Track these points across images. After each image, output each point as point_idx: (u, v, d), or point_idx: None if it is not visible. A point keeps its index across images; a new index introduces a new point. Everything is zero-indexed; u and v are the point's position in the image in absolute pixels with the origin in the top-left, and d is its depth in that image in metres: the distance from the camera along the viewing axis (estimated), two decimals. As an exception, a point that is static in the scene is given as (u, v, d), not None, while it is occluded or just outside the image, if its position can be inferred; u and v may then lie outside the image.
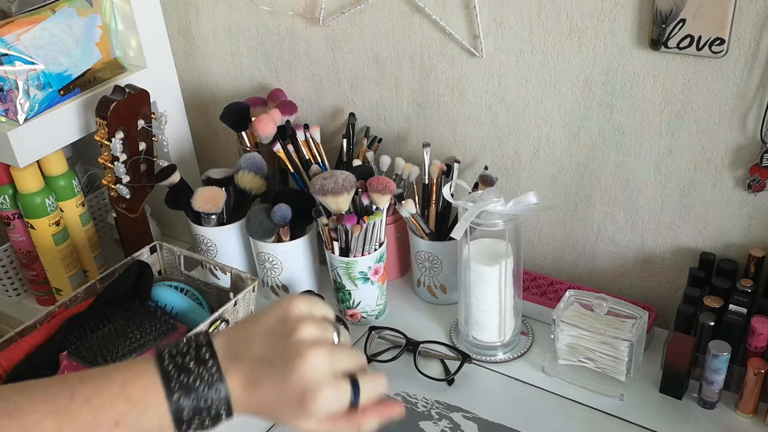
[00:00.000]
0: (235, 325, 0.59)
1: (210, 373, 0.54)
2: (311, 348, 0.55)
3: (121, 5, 1.15)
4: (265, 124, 1.08)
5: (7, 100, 1.00)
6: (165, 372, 0.54)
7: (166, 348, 0.56)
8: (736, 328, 0.88)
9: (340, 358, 0.57)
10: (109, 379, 0.54)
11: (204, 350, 0.55)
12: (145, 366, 0.55)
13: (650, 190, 0.98)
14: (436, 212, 1.08)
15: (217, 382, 0.54)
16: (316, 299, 0.61)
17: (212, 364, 0.55)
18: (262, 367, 0.55)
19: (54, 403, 0.53)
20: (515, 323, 1.00)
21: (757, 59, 0.83)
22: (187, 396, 0.54)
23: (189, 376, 0.54)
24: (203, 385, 0.54)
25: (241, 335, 0.57)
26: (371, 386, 0.58)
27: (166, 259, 1.09)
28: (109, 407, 0.53)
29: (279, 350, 0.56)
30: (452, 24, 1.00)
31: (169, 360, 0.55)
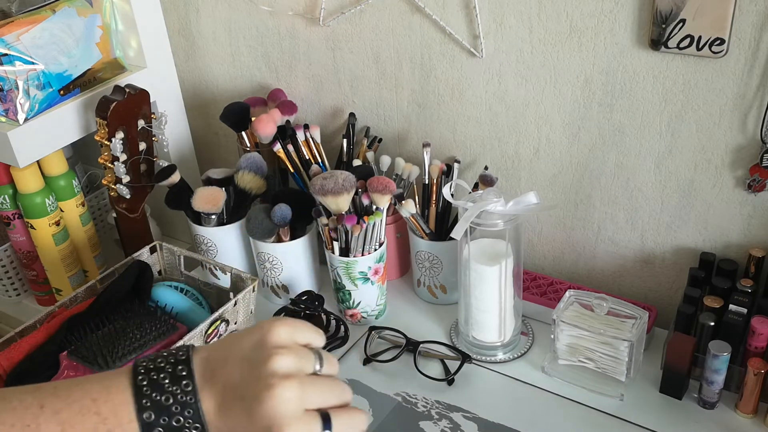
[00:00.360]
0: (217, 343, 0.57)
1: (184, 392, 0.52)
2: (282, 380, 0.52)
3: (121, 5, 1.15)
4: (265, 124, 1.08)
5: (7, 100, 1.00)
6: (138, 387, 0.52)
7: (143, 361, 0.54)
8: (736, 328, 0.88)
9: (315, 392, 0.53)
10: (82, 391, 0.53)
11: (181, 367, 0.53)
12: (119, 380, 0.53)
13: (650, 190, 0.98)
14: (436, 212, 1.08)
15: (190, 402, 0.52)
16: (301, 324, 0.57)
17: (187, 384, 0.53)
18: (234, 393, 0.53)
19: (23, 414, 0.52)
20: (515, 323, 1.00)
21: (757, 59, 0.83)
22: (159, 414, 0.52)
23: (162, 393, 0.52)
24: (176, 404, 0.52)
25: (220, 356, 0.55)
26: (347, 424, 0.54)
27: (166, 259, 1.09)
28: (78, 422, 0.52)
29: (250, 379, 0.53)
30: (452, 24, 1.00)
31: (144, 375, 0.53)
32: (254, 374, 0.53)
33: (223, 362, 0.54)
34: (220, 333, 0.96)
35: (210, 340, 0.94)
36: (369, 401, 0.94)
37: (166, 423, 0.52)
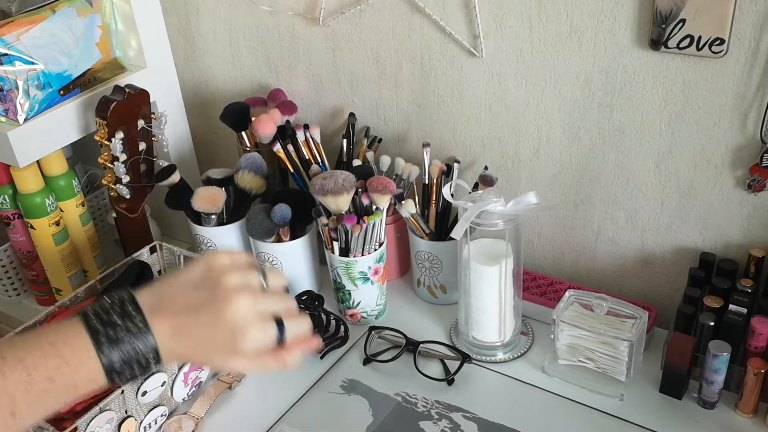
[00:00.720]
0: (159, 281, 0.63)
1: (136, 326, 0.58)
2: (237, 293, 0.61)
3: (121, 5, 1.15)
4: (265, 124, 1.08)
5: (7, 100, 1.00)
6: (92, 328, 0.57)
7: (89, 308, 0.59)
8: (736, 328, 0.88)
9: (266, 301, 0.63)
10: (39, 340, 0.57)
11: (128, 305, 0.59)
12: (72, 326, 0.58)
13: (650, 190, 0.98)
14: (436, 212, 1.08)
15: (143, 333, 0.58)
16: (237, 251, 0.66)
17: (137, 317, 0.58)
18: (189, 316, 0.60)
19: None
20: (515, 323, 1.00)
21: (757, 59, 0.83)
22: (116, 348, 0.57)
23: (116, 329, 0.57)
24: (130, 337, 0.57)
25: (165, 289, 0.62)
26: (295, 326, 0.64)
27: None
28: (42, 365, 0.56)
29: (206, 299, 0.60)
30: (452, 24, 1.00)
31: (95, 317, 0.58)
32: (210, 294, 0.61)
33: (169, 293, 0.61)
34: (220, 333, 0.96)
35: (210, 340, 0.94)
36: (369, 401, 0.94)
37: (124, 356, 0.58)
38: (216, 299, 0.61)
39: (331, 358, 1.02)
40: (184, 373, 0.92)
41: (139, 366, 0.58)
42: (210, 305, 0.60)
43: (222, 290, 0.61)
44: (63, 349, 0.56)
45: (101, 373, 0.57)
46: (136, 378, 0.59)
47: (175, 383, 0.92)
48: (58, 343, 0.57)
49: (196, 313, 0.60)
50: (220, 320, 0.60)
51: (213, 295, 0.61)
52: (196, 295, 0.61)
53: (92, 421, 0.81)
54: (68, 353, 0.56)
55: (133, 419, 0.87)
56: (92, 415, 0.81)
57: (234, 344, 0.60)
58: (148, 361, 0.59)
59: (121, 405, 0.85)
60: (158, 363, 0.59)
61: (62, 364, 0.56)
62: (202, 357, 0.63)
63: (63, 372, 0.56)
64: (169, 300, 0.61)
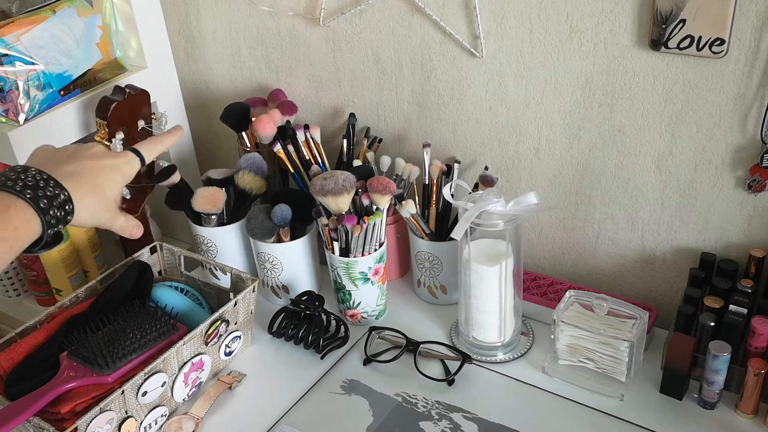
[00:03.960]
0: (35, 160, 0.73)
1: (54, 185, 0.67)
2: (91, 149, 0.76)
3: (122, 5, 1.15)
4: (265, 124, 1.08)
5: (8, 101, 1.00)
6: (5, 185, 0.65)
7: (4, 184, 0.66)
8: (737, 329, 0.88)
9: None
10: None
11: (18, 169, 0.67)
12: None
13: (650, 191, 0.98)
14: (436, 212, 1.08)
15: (44, 176, 0.67)
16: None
17: (32, 170, 0.67)
18: (67, 163, 0.72)
19: None
20: (515, 323, 1.00)
21: (757, 59, 0.83)
22: (34, 190, 0.65)
23: (26, 180, 0.66)
24: (37, 181, 0.66)
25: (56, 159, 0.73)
26: (151, 149, 0.81)
27: (166, 259, 1.09)
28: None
29: (79, 153, 0.74)
30: (452, 24, 1.00)
31: (2, 179, 0.66)
32: (79, 151, 0.75)
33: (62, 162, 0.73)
34: (220, 333, 0.96)
35: (210, 341, 0.94)
36: (369, 401, 0.94)
37: (44, 194, 0.66)
38: (87, 149, 0.76)
39: (332, 358, 1.02)
40: (184, 373, 0.92)
41: (56, 200, 0.67)
42: (81, 152, 0.75)
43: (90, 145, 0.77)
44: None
45: (30, 209, 0.65)
46: (63, 216, 0.68)
47: (176, 384, 0.92)
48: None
49: (72, 165, 0.72)
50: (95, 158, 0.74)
51: (83, 149, 0.76)
52: (73, 156, 0.74)
53: (92, 421, 0.81)
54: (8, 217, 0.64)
55: (133, 419, 0.87)
56: (92, 416, 0.81)
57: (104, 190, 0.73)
58: (59, 193, 0.67)
59: (122, 405, 0.85)
60: (65, 191, 0.68)
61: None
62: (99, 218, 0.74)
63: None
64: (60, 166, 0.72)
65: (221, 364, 1.00)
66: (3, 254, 0.63)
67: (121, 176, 0.77)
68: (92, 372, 0.86)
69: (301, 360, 1.02)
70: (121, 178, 0.77)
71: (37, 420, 0.81)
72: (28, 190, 0.65)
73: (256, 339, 1.06)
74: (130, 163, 0.79)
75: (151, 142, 0.83)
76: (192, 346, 0.92)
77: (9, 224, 0.63)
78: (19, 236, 0.64)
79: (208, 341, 0.94)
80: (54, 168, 0.70)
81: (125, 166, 0.78)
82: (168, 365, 0.89)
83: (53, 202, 0.67)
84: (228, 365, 1.02)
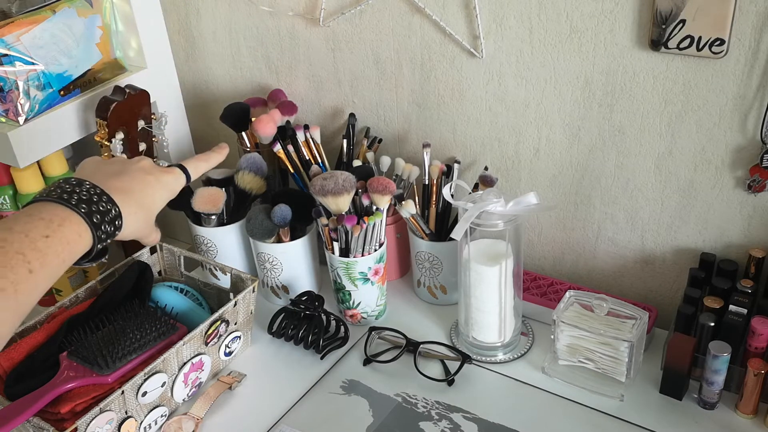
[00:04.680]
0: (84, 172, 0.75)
1: (92, 188, 0.68)
2: (139, 162, 0.77)
3: (122, 6, 1.15)
4: (265, 124, 1.08)
5: (8, 101, 1.00)
6: (61, 197, 0.66)
7: (44, 192, 0.67)
8: (736, 329, 0.88)
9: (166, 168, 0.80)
10: (16, 219, 0.64)
11: (73, 182, 0.68)
12: (39, 203, 0.66)
13: (650, 191, 0.98)
14: (436, 213, 1.08)
15: (98, 192, 0.68)
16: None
17: (86, 184, 0.68)
18: (116, 178, 0.73)
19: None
20: (515, 324, 1.00)
21: (757, 60, 0.83)
22: (89, 205, 0.66)
23: (79, 194, 0.67)
24: (91, 197, 0.67)
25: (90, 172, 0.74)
26: (198, 167, 0.83)
27: (166, 259, 1.09)
28: (34, 227, 0.63)
29: (126, 168, 0.75)
30: (452, 24, 1.00)
31: (58, 191, 0.66)
32: (128, 165, 0.76)
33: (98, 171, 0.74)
34: (220, 333, 0.96)
35: (210, 341, 0.94)
36: (369, 401, 0.94)
37: (97, 209, 0.67)
38: (132, 164, 0.76)
39: (332, 358, 1.02)
40: (184, 373, 0.92)
41: (111, 222, 0.68)
42: (127, 166, 0.76)
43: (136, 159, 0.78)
44: (44, 213, 0.64)
45: (83, 223, 0.65)
46: (113, 231, 0.68)
47: (175, 384, 0.92)
48: (35, 211, 0.64)
49: (118, 177, 0.73)
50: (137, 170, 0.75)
51: (130, 163, 0.77)
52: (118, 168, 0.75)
53: (92, 421, 0.81)
54: (49, 215, 0.64)
55: (133, 420, 0.87)
56: (92, 416, 0.81)
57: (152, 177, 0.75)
58: (116, 216, 0.69)
59: (122, 405, 0.85)
60: (116, 207, 0.69)
61: (49, 221, 0.64)
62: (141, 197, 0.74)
63: (52, 228, 0.63)
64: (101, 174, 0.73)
65: (221, 365, 1.00)
66: (55, 267, 0.63)
67: (167, 193, 0.77)
68: (92, 372, 0.86)
69: (301, 360, 1.02)
70: (167, 194, 0.78)
71: (37, 420, 0.81)
72: (83, 205, 0.66)
73: (256, 339, 1.06)
74: (178, 180, 0.79)
75: (198, 159, 0.84)
76: (192, 346, 0.92)
77: (63, 238, 0.64)
78: (72, 250, 0.65)
79: (208, 341, 0.94)
80: (105, 182, 0.71)
81: (173, 183, 0.78)
82: (168, 365, 0.89)
83: (105, 218, 0.67)
84: (228, 365, 1.02)
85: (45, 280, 0.62)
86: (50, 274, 0.63)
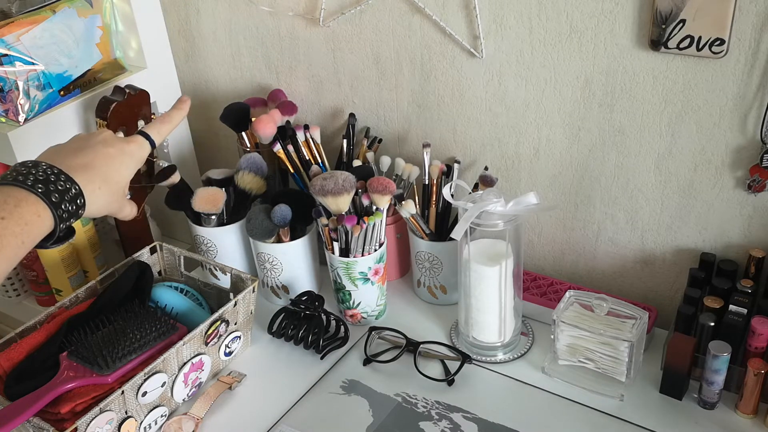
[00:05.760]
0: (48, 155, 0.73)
1: (49, 168, 0.67)
2: (99, 135, 0.75)
3: (122, 6, 1.15)
4: (265, 124, 1.08)
5: (8, 101, 1.00)
6: (16, 179, 0.65)
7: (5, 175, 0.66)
8: (736, 329, 0.88)
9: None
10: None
11: (30, 164, 0.67)
12: (8, 190, 0.65)
13: (650, 191, 0.98)
14: (436, 213, 1.08)
15: (56, 170, 0.67)
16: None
17: (44, 164, 0.67)
18: (77, 156, 0.72)
19: None
20: (515, 324, 1.00)
21: (757, 59, 0.83)
22: (46, 185, 0.65)
23: (37, 174, 0.66)
24: (48, 176, 0.66)
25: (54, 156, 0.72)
26: (160, 130, 0.81)
27: (166, 259, 1.09)
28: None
29: (88, 143, 0.74)
30: (452, 24, 1.00)
31: (13, 174, 0.65)
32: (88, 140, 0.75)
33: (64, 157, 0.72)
34: (220, 333, 0.96)
35: (210, 341, 0.94)
36: (369, 401, 0.94)
37: (56, 188, 0.66)
38: (96, 136, 0.76)
39: (332, 358, 1.02)
40: (184, 373, 0.92)
41: (72, 201, 0.67)
42: (90, 140, 0.75)
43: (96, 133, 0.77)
44: (1, 195, 0.64)
45: (41, 203, 0.64)
46: (75, 209, 0.67)
47: (175, 384, 0.92)
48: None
49: (81, 154, 0.72)
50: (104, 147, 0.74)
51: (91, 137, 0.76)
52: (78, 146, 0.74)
53: (92, 421, 0.81)
54: (3, 197, 0.64)
55: (133, 420, 0.87)
56: (92, 416, 0.81)
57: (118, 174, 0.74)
58: (70, 187, 0.67)
59: (121, 405, 0.85)
60: (75, 185, 0.68)
61: (4, 203, 0.63)
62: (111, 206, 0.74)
63: (8, 209, 0.63)
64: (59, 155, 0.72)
65: (221, 365, 1.00)
66: (15, 248, 0.63)
67: (133, 162, 0.76)
68: (92, 372, 0.86)
69: (301, 360, 1.02)
70: (133, 163, 0.76)
71: (37, 420, 0.81)
72: (39, 185, 0.65)
73: (256, 339, 1.06)
74: (142, 147, 0.78)
75: (159, 122, 0.82)
76: (192, 346, 0.92)
77: (21, 219, 0.63)
78: (30, 231, 0.64)
79: (208, 341, 0.94)
80: (64, 161, 0.70)
81: (137, 151, 0.77)
82: (168, 365, 0.89)
83: (65, 196, 0.66)
84: (228, 365, 1.02)
85: (4, 261, 0.62)
86: (9, 256, 0.63)
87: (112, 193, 0.73)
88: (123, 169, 0.74)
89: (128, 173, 0.75)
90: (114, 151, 0.74)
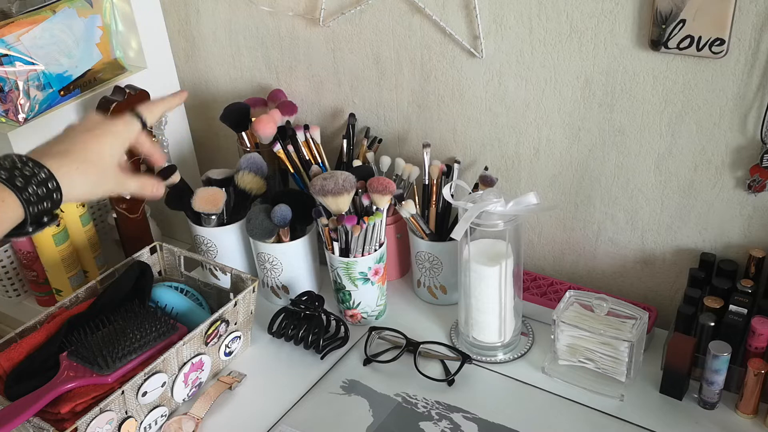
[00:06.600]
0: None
1: (33, 164, 0.66)
2: (83, 120, 0.76)
3: (122, 6, 1.15)
4: (266, 124, 1.08)
5: (8, 101, 1.00)
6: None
7: None
8: (737, 329, 0.88)
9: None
10: None
11: (10, 156, 0.67)
12: None
13: (650, 191, 0.98)
14: (436, 213, 1.08)
15: (32, 162, 0.66)
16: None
17: (23, 158, 0.67)
18: (61, 144, 0.72)
19: None
20: (515, 324, 1.00)
21: (757, 59, 0.83)
22: (10, 171, 0.64)
23: (2, 164, 0.65)
24: (18, 163, 0.65)
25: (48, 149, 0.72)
26: (152, 110, 0.79)
27: (166, 259, 1.09)
28: None
29: (75, 128, 0.75)
30: (452, 24, 1.00)
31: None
32: (73, 127, 0.75)
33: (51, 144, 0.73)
34: (220, 333, 0.96)
35: (210, 341, 0.94)
36: (369, 401, 0.94)
37: (34, 188, 0.65)
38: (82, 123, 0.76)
39: (332, 358, 1.02)
40: (184, 373, 0.92)
41: (34, 178, 0.65)
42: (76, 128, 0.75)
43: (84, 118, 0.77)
44: None
45: (5, 189, 0.64)
46: (48, 193, 0.66)
47: (175, 384, 0.92)
48: None
49: (64, 142, 0.72)
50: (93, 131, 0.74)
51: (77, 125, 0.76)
52: (66, 142, 0.73)
53: (92, 421, 0.81)
54: None
55: (133, 420, 0.87)
56: (92, 416, 0.81)
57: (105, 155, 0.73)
58: (38, 172, 0.66)
59: (122, 405, 0.85)
60: (44, 169, 0.67)
61: None
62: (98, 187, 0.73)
63: None
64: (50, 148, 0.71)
65: (221, 365, 1.00)
66: None
67: (118, 141, 0.75)
68: (92, 372, 0.86)
69: (301, 360, 1.02)
70: (119, 142, 0.75)
71: (37, 420, 0.81)
72: (2, 172, 0.65)
73: (256, 339, 1.06)
74: (129, 125, 0.77)
75: (153, 102, 0.81)
76: (192, 346, 0.92)
77: None
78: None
79: (208, 341, 0.94)
80: (42, 151, 0.70)
81: (123, 130, 0.76)
82: (168, 365, 0.89)
83: (32, 180, 0.65)
84: (228, 365, 1.02)
85: None
86: None
87: (97, 172, 0.72)
88: (106, 148, 0.73)
89: (112, 151, 0.74)
90: (97, 131, 0.74)
